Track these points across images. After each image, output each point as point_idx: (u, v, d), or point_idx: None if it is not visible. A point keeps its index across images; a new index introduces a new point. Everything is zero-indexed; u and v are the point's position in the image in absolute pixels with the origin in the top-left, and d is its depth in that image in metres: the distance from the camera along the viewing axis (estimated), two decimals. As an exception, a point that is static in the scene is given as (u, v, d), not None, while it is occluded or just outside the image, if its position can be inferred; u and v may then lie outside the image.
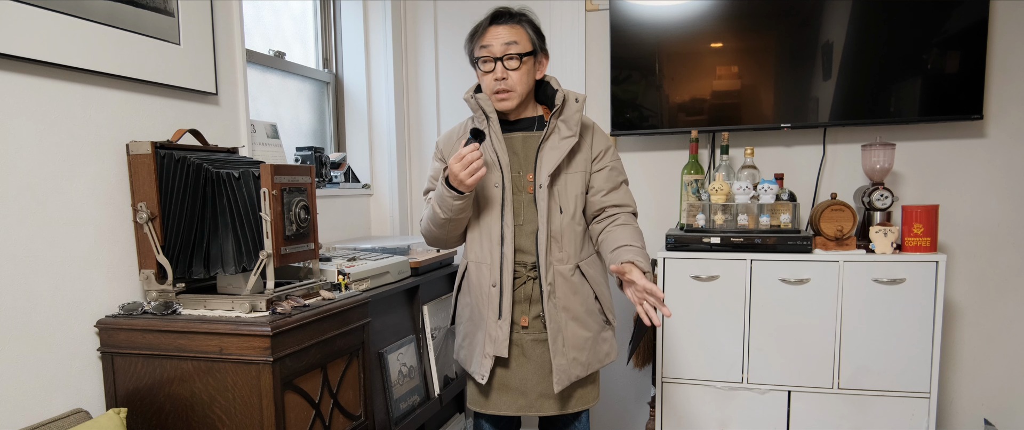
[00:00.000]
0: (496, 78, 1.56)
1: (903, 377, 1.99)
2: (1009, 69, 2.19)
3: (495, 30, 1.56)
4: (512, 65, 1.55)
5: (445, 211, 1.56)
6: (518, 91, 1.57)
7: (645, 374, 2.60)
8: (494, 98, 1.59)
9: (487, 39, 1.56)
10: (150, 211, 1.41)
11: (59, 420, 1.25)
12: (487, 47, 1.56)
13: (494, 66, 1.56)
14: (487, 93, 1.60)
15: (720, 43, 2.31)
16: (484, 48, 1.56)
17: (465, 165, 1.47)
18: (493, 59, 1.56)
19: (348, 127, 2.68)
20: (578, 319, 1.61)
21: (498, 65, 1.55)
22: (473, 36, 1.60)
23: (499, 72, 1.55)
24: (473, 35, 1.60)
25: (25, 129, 1.25)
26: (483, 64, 1.57)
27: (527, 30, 1.58)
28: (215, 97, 1.72)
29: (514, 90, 1.57)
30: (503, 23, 1.57)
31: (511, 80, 1.56)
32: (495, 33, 1.56)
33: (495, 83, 1.56)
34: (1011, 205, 2.23)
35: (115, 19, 1.40)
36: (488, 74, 1.57)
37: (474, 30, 1.60)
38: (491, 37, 1.56)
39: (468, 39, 1.62)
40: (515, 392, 1.65)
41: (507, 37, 1.55)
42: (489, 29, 1.56)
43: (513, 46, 1.55)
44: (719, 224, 2.13)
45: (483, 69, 1.58)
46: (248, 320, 1.30)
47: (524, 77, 1.57)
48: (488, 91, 1.59)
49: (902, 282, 1.96)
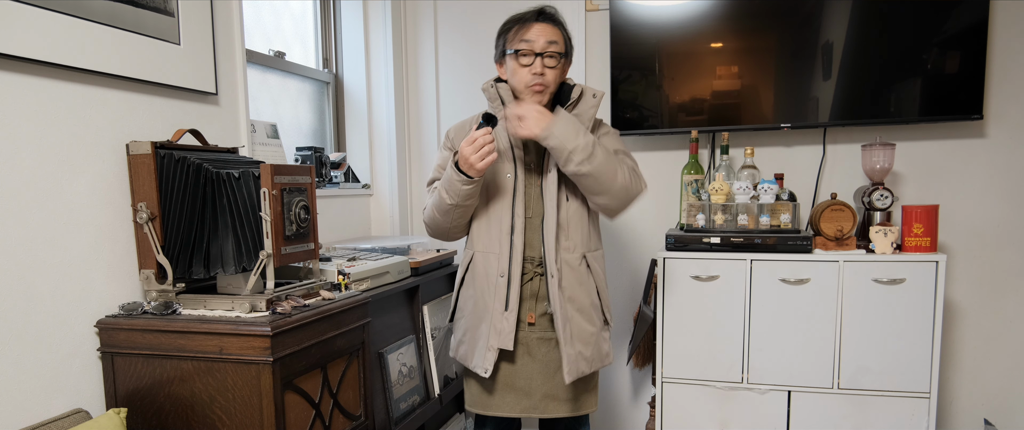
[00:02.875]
0: (535, 73, 1.58)
1: (903, 377, 1.99)
2: (1009, 69, 2.19)
3: (540, 27, 1.58)
4: (551, 63, 1.58)
5: (452, 197, 1.56)
6: (551, 89, 1.61)
7: (645, 374, 2.60)
8: (529, 90, 1.60)
9: (532, 34, 1.58)
10: (150, 211, 1.41)
11: (59, 420, 1.25)
12: (530, 42, 1.57)
13: (534, 61, 1.57)
14: (521, 86, 1.61)
15: (720, 43, 2.31)
16: (526, 42, 1.58)
17: (477, 148, 1.47)
18: (534, 54, 1.57)
19: (348, 127, 2.68)
20: (583, 312, 1.62)
21: (537, 60, 1.57)
22: (510, 29, 1.61)
23: (538, 67, 1.57)
24: (511, 28, 1.61)
25: (25, 129, 1.25)
26: (523, 57, 1.58)
27: (564, 33, 1.62)
28: (215, 97, 1.72)
29: (548, 87, 1.60)
30: (548, 22, 1.60)
31: (548, 77, 1.59)
32: (540, 30, 1.58)
33: (533, 78, 1.58)
34: (1011, 205, 2.23)
35: (115, 19, 1.40)
36: (526, 67, 1.59)
37: (515, 22, 1.61)
38: (536, 33, 1.58)
39: (504, 31, 1.63)
40: (519, 392, 1.64)
41: (550, 36, 1.58)
42: (535, 25, 1.59)
43: (553, 45, 1.58)
44: (719, 224, 2.13)
45: (522, 62, 1.59)
46: (248, 320, 1.30)
47: (558, 76, 1.61)
48: (523, 84, 1.60)
49: (902, 282, 1.96)
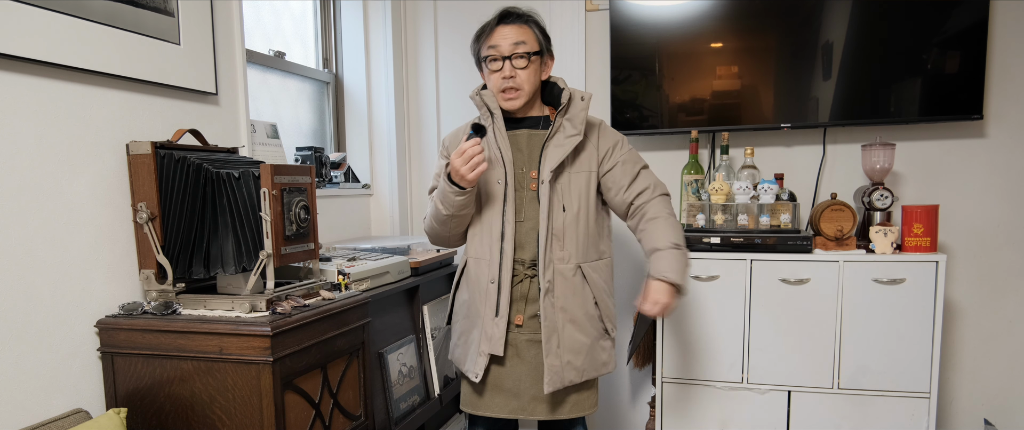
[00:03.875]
0: (504, 77, 1.56)
1: (903, 377, 1.98)
2: (1009, 69, 2.18)
3: (503, 30, 1.56)
4: (520, 64, 1.56)
5: (447, 207, 1.57)
6: (525, 90, 1.58)
7: (645, 374, 2.60)
8: (501, 97, 1.59)
9: (495, 39, 1.56)
10: (150, 211, 1.41)
11: (59, 420, 1.25)
12: (495, 47, 1.56)
13: (502, 65, 1.56)
14: (494, 92, 1.60)
15: (720, 43, 2.31)
16: (492, 48, 1.57)
17: (466, 160, 1.47)
18: (501, 58, 1.56)
19: (348, 127, 2.68)
20: (576, 322, 1.59)
21: (506, 64, 1.56)
22: (480, 36, 1.60)
23: (507, 71, 1.56)
24: (480, 35, 1.60)
25: (25, 129, 1.25)
26: (491, 63, 1.58)
27: (534, 30, 1.59)
28: (215, 97, 1.72)
29: (521, 89, 1.57)
30: (511, 23, 1.57)
31: (519, 79, 1.56)
32: (503, 33, 1.56)
33: (503, 82, 1.57)
34: (1011, 205, 2.23)
35: (115, 19, 1.40)
36: (496, 73, 1.57)
37: (481, 30, 1.60)
38: (499, 37, 1.56)
39: (474, 39, 1.62)
40: (508, 393, 1.64)
41: (515, 37, 1.56)
42: (497, 29, 1.57)
43: (521, 45, 1.56)
44: (719, 224, 2.13)
45: (491, 68, 1.58)
46: (248, 320, 1.30)
47: (531, 76, 1.58)
48: (495, 90, 1.59)
49: (902, 282, 1.96)
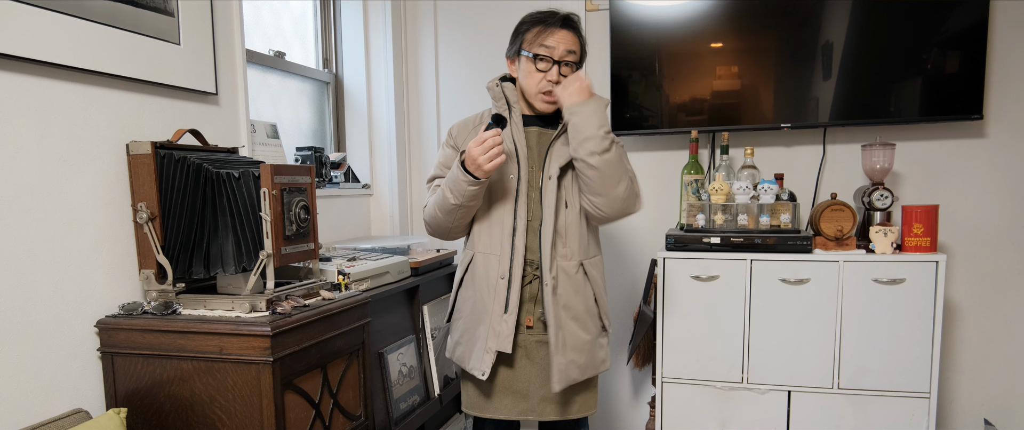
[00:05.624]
0: (551, 80, 1.55)
1: (903, 377, 1.98)
2: (1009, 69, 2.18)
3: (563, 34, 1.55)
4: (566, 71, 1.56)
5: (457, 196, 1.53)
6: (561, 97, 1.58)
7: (645, 374, 2.60)
8: (541, 97, 1.58)
9: (553, 40, 1.55)
10: (150, 211, 1.41)
11: (59, 420, 1.25)
12: (551, 48, 1.55)
13: (551, 67, 1.55)
14: (533, 91, 1.58)
15: (720, 43, 2.31)
16: (547, 48, 1.55)
17: (485, 149, 1.44)
18: (553, 61, 1.55)
19: (348, 127, 2.68)
20: (578, 319, 1.60)
21: (555, 68, 1.55)
22: (529, 28, 1.57)
23: (554, 75, 1.55)
24: (530, 27, 1.57)
25: (25, 129, 1.25)
26: (540, 62, 1.56)
27: (582, 42, 1.60)
28: (215, 97, 1.72)
29: (560, 95, 1.56)
30: (572, 30, 1.56)
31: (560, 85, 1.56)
32: (562, 37, 1.55)
33: (548, 84, 1.56)
34: (1011, 205, 2.23)
35: (115, 19, 1.40)
36: (542, 74, 1.56)
37: (537, 23, 1.57)
38: (558, 39, 1.55)
39: (524, 30, 1.59)
40: (517, 395, 1.64)
41: (571, 44, 1.56)
42: (559, 31, 1.55)
43: (572, 55, 1.56)
44: (719, 224, 2.13)
45: (539, 66, 1.56)
46: (248, 320, 1.30)
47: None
48: (536, 89, 1.57)
49: (902, 282, 1.96)
